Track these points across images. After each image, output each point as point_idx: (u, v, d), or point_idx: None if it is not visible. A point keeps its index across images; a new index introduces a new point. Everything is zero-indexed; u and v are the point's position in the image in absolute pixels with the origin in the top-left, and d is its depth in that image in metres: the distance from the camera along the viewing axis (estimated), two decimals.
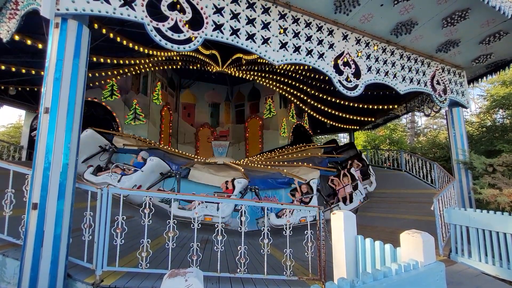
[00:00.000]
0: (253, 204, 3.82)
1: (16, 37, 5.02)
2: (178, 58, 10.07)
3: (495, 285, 3.38)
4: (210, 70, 11.09)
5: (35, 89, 9.35)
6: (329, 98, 11.04)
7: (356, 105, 10.88)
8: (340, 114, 12.30)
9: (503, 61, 6.61)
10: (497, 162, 5.34)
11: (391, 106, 10.41)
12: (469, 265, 4.00)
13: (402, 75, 5.47)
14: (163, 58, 9.58)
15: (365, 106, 10.79)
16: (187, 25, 3.42)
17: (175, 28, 3.32)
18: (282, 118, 13.20)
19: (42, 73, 7.93)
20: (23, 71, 7.25)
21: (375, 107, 10.56)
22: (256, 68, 11.16)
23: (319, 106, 12.49)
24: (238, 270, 2.92)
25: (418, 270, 1.54)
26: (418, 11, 4.61)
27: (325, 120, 13.74)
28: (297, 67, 9.50)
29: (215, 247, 2.91)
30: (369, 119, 12.62)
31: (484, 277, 3.63)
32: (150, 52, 8.15)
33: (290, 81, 11.70)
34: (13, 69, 6.97)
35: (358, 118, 12.45)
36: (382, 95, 9.93)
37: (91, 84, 9.34)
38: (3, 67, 6.72)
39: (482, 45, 5.68)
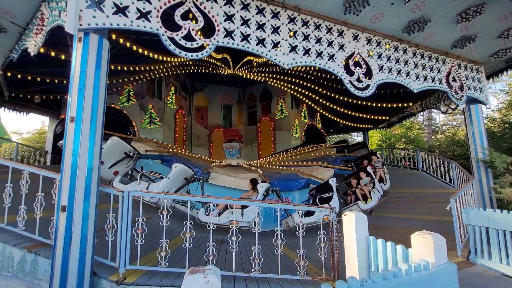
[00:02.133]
0: (266, 205, 3.88)
1: (41, 50, 5.37)
2: (190, 62, 10.32)
3: None
4: (222, 73, 11.27)
5: (58, 97, 9.84)
6: (341, 98, 10.95)
7: (369, 104, 10.74)
8: (353, 113, 12.14)
9: None
10: None
11: (405, 104, 10.19)
12: (489, 267, 3.89)
13: (416, 73, 5.37)
14: (176, 63, 9.86)
15: (379, 105, 10.62)
16: (199, 33, 3.56)
17: (188, 37, 3.46)
18: (294, 118, 13.21)
19: (65, 81, 8.35)
20: (47, 80, 7.68)
21: (389, 105, 10.36)
22: (267, 69, 11.25)
23: (331, 105, 12.39)
24: (253, 269, 3.01)
25: (429, 270, 1.56)
26: (431, 8, 4.53)
27: (338, 120, 13.59)
28: (308, 68, 9.50)
29: (230, 247, 3.02)
30: (383, 117, 12.39)
31: (505, 279, 3.52)
32: (164, 58, 8.43)
33: (301, 82, 11.70)
34: (38, 79, 7.41)
35: (372, 117, 12.24)
36: (396, 93, 9.75)
37: (108, 91, 9.75)
38: (29, 77, 7.16)
39: (501, 39, 5.49)
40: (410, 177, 10.13)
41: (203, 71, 11.00)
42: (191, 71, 10.66)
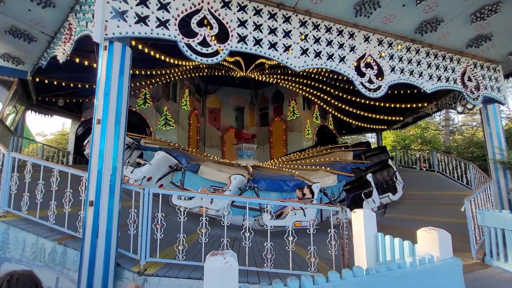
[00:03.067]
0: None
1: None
2: (204, 66, 10.59)
3: None
4: (235, 75, 11.49)
5: (80, 100, 10.36)
6: (353, 98, 10.89)
7: (382, 104, 10.62)
8: (366, 114, 12.03)
9: None
10: None
11: (420, 104, 10.01)
12: (505, 269, 3.83)
13: (429, 74, 5.34)
14: (191, 67, 10.15)
15: (393, 105, 10.50)
16: (214, 39, 3.74)
17: (204, 43, 3.65)
18: (306, 119, 13.24)
19: (87, 86, 8.79)
20: (71, 85, 8.15)
21: (403, 105, 10.22)
22: (278, 71, 11.38)
23: (343, 106, 12.34)
24: (265, 264, 3.14)
25: (433, 264, 1.64)
26: (443, 8, 4.52)
27: (350, 121, 13.49)
28: (319, 69, 9.55)
29: (243, 243, 3.16)
30: (398, 118, 12.20)
31: None
32: (179, 62, 8.73)
33: (313, 83, 11.74)
34: (63, 84, 7.88)
35: (386, 118, 12.09)
36: (410, 93, 9.60)
37: None
38: (55, 82, 7.63)
39: None
40: (425, 179, 9.94)
41: (216, 73, 11.25)
42: (205, 74, 10.92)
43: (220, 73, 11.32)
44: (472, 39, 5.38)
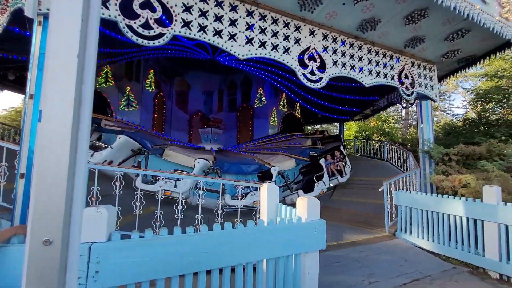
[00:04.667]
0: (208, 180, 4.28)
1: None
2: (170, 46, 10.39)
3: (419, 256, 3.92)
4: (202, 59, 11.42)
5: None
6: (319, 89, 11.40)
7: (343, 96, 11.26)
8: (330, 105, 12.67)
9: (472, 57, 6.93)
10: (452, 152, 5.79)
11: (373, 98, 10.75)
12: (409, 240, 4.55)
13: (369, 69, 5.85)
14: (152, 48, 9.93)
15: (351, 97, 11.15)
16: (155, 22, 3.83)
17: (146, 25, 3.74)
18: (273, 107, 13.62)
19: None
20: (18, 58, 7.69)
21: (358, 98, 10.91)
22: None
23: (309, 97, 12.86)
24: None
25: (300, 223, 2.06)
26: (379, 10, 4.95)
27: (316, 111, 14.11)
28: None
29: (176, 215, 3.46)
30: (356, 110, 12.99)
31: (415, 249, 4.18)
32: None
33: (280, 72, 12.03)
34: (10, 56, 7.41)
35: (347, 109, 12.83)
36: (366, 87, 10.27)
37: None
38: (4, 54, 7.17)
39: (448, 41, 6.02)
40: (375, 167, 10.88)
41: (182, 56, 11.10)
42: (169, 55, 10.71)
43: (186, 55, 11.19)
44: (408, 40, 5.94)
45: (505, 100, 10.61)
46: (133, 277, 1.49)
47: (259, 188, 6.98)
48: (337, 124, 17.22)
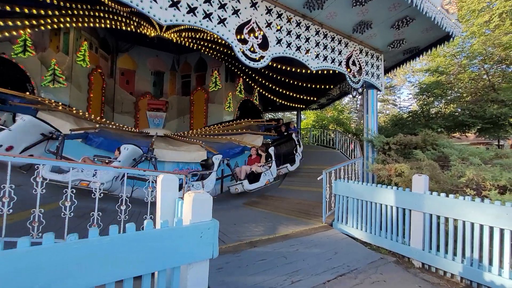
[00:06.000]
0: (107, 169, 3.63)
1: None
2: (105, 15, 9.00)
3: (351, 247, 3.79)
4: (148, 34, 10.19)
5: None
6: (275, 76, 11.02)
7: (298, 84, 11.04)
8: (286, 92, 12.42)
9: (416, 48, 7.05)
10: (392, 141, 5.85)
11: (327, 87, 10.72)
12: (344, 230, 4.43)
13: (316, 52, 5.52)
14: (86, 13, 8.51)
15: (306, 86, 10.99)
16: None
17: None
18: (228, 92, 12.92)
19: None
20: None
21: (314, 86, 10.79)
22: (197, 35, 10.54)
23: (266, 83, 12.45)
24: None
25: (180, 226, 1.57)
26: None
27: (274, 98, 13.81)
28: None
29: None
30: (311, 98, 12.96)
31: (348, 240, 4.05)
32: (67, 4, 7.15)
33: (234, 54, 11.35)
34: None
35: (302, 97, 12.71)
36: (320, 74, 10.15)
37: None
38: None
39: (393, 29, 5.94)
40: (326, 155, 10.99)
41: (124, 28, 9.74)
42: (108, 26, 9.30)
43: (128, 28, 9.86)
44: (356, 24, 5.72)
45: (443, 94, 11.37)
46: None
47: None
48: (293, 113, 17.27)
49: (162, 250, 1.46)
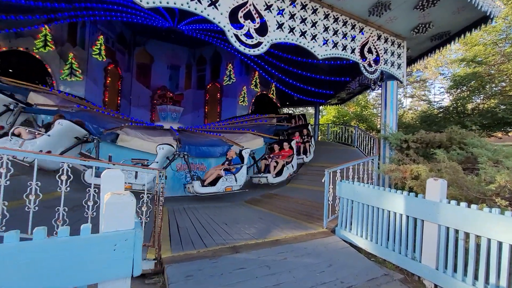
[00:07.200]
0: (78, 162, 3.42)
1: None
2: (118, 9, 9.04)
3: (351, 258, 3.29)
4: (162, 27, 10.15)
5: None
6: (292, 69, 10.47)
7: (314, 76, 10.38)
8: (303, 86, 11.78)
9: (447, 33, 6.16)
10: (411, 139, 5.14)
11: (344, 79, 9.95)
12: (347, 238, 3.92)
13: (324, 38, 4.97)
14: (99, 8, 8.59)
15: (322, 78, 10.30)
16: None
17: None
18: (243, 86, 12.58)
19: None
20: None
21: (332, 79, 10.07)
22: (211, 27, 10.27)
23: (284, 77, 11.91)
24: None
25: (87, 236, 1.26)
26: None
27: (290, 93, 13.22)
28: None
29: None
30: (331, 92, 12.20)
31: (349, 250, 3.54)
32: None
33: None
34: None
35: (320, 91, 11.99)
36: (338, 66, 9.42)
37: (20, 31, 8.33)
38: None
39: (417, 10, 5.18)
40: (342, 153, 10.26)
41: (138, 21, 9.74)
42: (119, 19, 9.34)
43: (142, 22, 9.85)
44: (372, 5, 5.05)
45: (481, 88, 10.07)
46: None
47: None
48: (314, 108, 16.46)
49: (55, 266, 1.17)
